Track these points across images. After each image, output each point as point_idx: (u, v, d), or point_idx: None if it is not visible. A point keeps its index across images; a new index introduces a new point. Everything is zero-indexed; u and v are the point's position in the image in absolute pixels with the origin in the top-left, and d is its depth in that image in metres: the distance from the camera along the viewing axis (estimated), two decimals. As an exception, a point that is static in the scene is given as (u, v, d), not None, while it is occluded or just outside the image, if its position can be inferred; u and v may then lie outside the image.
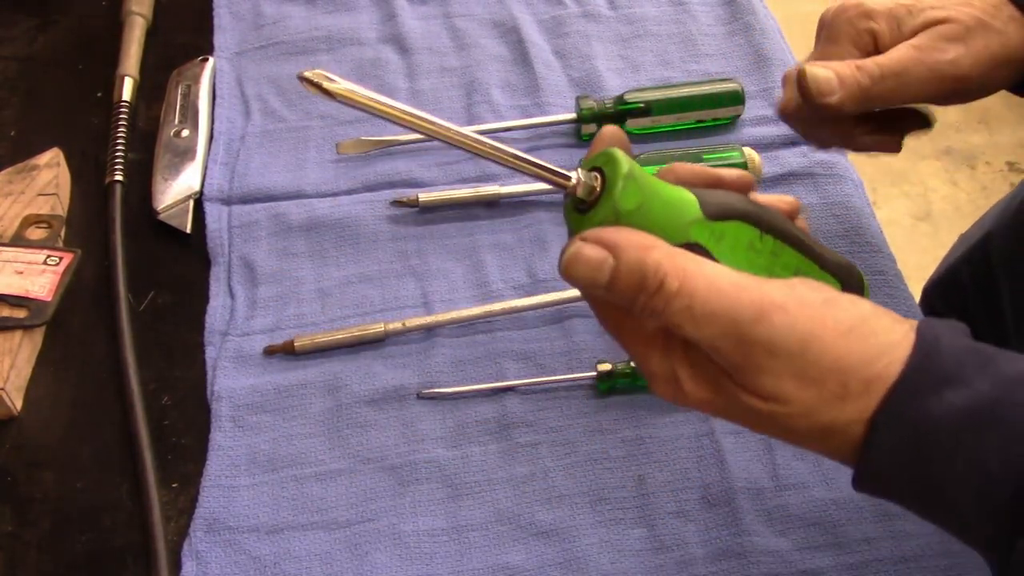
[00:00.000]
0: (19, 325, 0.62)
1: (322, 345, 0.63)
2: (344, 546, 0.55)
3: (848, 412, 0.40)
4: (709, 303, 0.39)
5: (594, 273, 0.40)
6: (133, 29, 0.82)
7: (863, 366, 0.39)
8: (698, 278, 0.39)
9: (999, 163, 2.04)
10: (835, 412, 0.40)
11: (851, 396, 0.39)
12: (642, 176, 0.41)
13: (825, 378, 0.39)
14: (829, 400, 0.39)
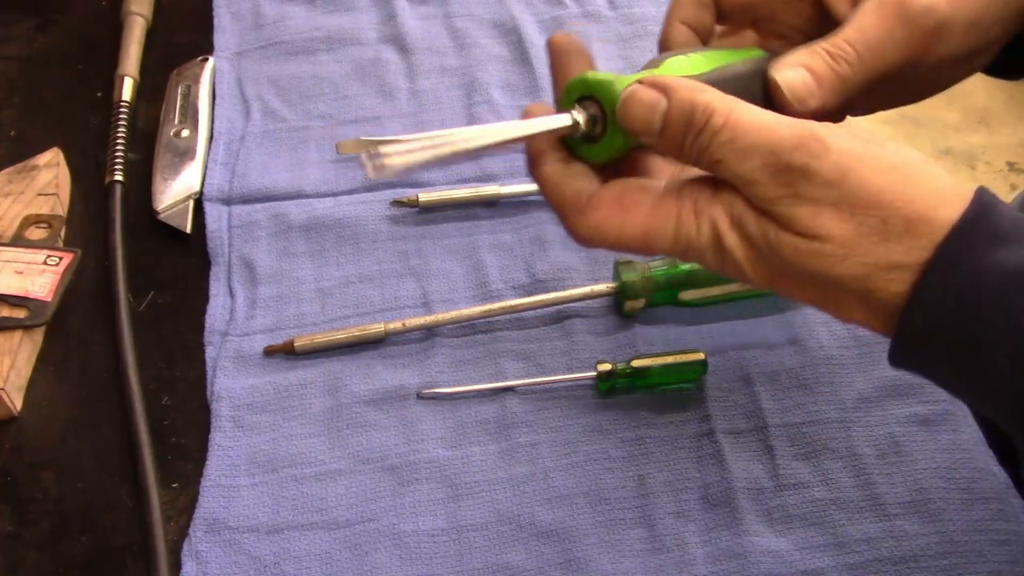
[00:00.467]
0: (19, 325, 0.62)
1: (322, 345, 0.63)
2: (344, 546, 0.55)
3: (892, 254, 0.39)
4: (751, 134, 0.39)
5: (649, 113, 0.41)
6: (133, 29, 0.82)
7: (904, 203, 0.38)
8: (742, 113, 0.40)
9: (999, 163, 2.04)
10: (877, 252, 0.38)
11: (892, 235, 0.38)
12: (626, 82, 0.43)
13: (863, 210, 0.38)
14: (868, 236, 0.38)
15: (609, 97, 0.43)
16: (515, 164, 0.74)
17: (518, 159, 0.75)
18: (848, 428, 0.59)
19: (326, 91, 0.80)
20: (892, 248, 0.39)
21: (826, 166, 0.39)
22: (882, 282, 0.39)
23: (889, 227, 0.38)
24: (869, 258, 0.39)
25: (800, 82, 0.47)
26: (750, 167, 0.39)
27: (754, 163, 0.39)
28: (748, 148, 0.39)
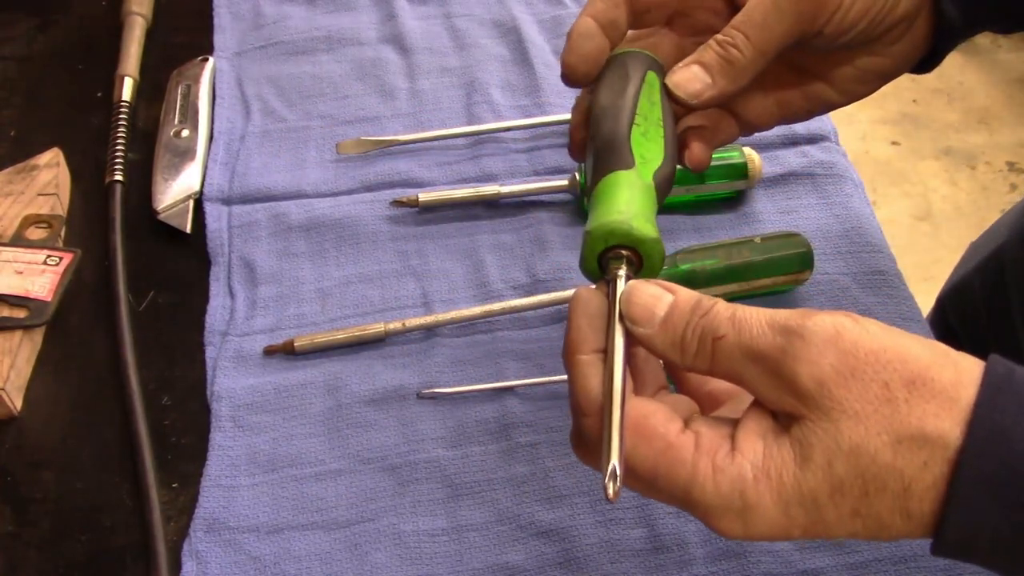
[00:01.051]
0: (19, 325, 0.62)
1: (322, 345, 0.63)
2: (344, 546, 0.55)
3: (908, 423, 0.36)
4: (752, 311, 0.39)
5: (655, 302, 0.40)
6: (133, 29, 0.82)
7: (900, 363, 0.37)
8: (745, 307, 0.39)
9: (999, 163, 2.04)
10: (893, 422, 0.36)
11: (899, 402, 0.36)
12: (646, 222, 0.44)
13: (863, 372, 0.36)
14: (877, 404, 0.36)
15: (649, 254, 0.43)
16: (515, 164, 0.74)
17: (519, 159, 0.75)
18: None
19: (326, 91, 0.80)
20: (905, 417, 0.36)
21: (820, 326, 0.37)
22: (915, 467, 0.36)
23: (891, 392, 0.36)
24: (890, 430, 0.36)
25: (690, 77, 0.48)
26: (749, 337, 0.38)
27: (752, 332, 0.38)
28: (747, 319, 0.38)
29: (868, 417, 0.36)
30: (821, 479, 0.37)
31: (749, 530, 0.38)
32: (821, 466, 0.37)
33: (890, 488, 0.36)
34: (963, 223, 1.92)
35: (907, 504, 0.37)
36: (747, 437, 0.38)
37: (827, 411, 0.36)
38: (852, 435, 0.36)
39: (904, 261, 0.69)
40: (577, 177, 0.70)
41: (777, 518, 0.37)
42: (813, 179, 0.73)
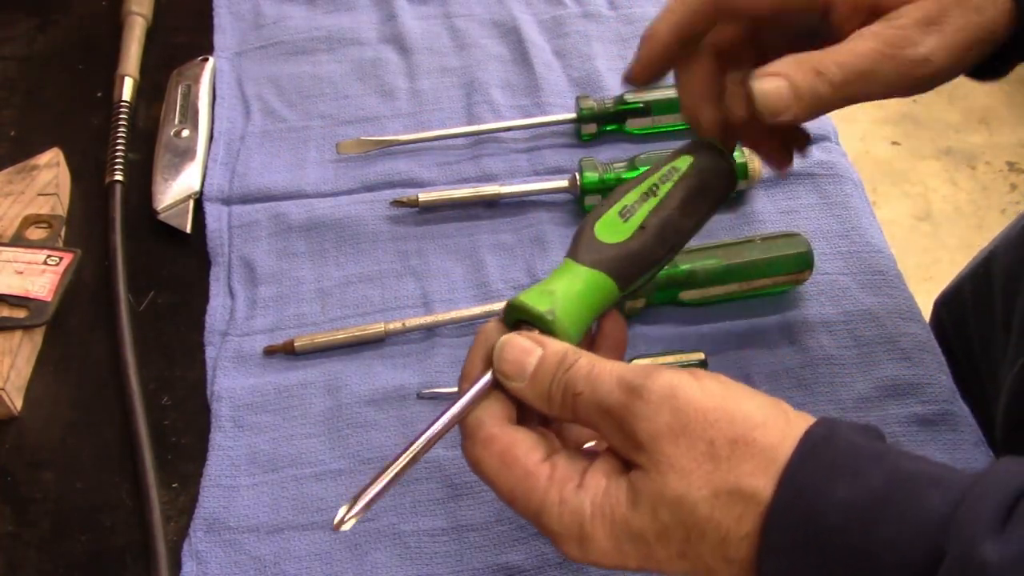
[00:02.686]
0: (19, 325, 0.62)
1: (322, 345, 0.63)
2: (344, 546, 0.55)
3: (727, 479, 0.39)
4: (606, 368, 0.42)
5: (524, 356, 0.44)
6: (133, 29, 0.82)
7: (727, 423, 0.40)
8: (604, 361, 0.43)
9: (999, 163, 2.04)
10: (714, 478, 0.39)
11: (721, 459, 0.39)
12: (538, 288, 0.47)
13: (693, 430, 0.40)
14: (702, 461, 0.39)
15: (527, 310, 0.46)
16: (515, 164, 0.74)
17: (519, 159, 0.75)
18: (848, 428, 0.59)
19: (326, 91, 0.80)
20: (725, 474, 0.39)
21: (658, 385, 0.40)
22: (731, 519, 0.39)
23: (715, 449, 0.39)
24: (710, 485, 0.39)
25: (776, 94, 0.46)
26: (601, 394, 0.42)
27: (604, 389, 0.42)
28: (601, 375, 0.42)
29: (692, 472, 0.39)
30: (648, 522, 0.40)
31: (587, 557, 0.42)
32: (648, 511, 0.40)
33: (709, 536, 0.39)
34: (963, 223, 1.92)
35: (726, 551, 0.39)
36: (594, 475, 0.42)
37: (657, 463, 0.40)
38: (676, 487, 0.39)
39: (904, 261, 0.69)
40: (577, 177, 0.70)
41: (610, 551, 0.41)
42: (813, 179, 0.73)
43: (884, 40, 0.46)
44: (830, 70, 0.46)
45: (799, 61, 0.46)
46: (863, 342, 0.63)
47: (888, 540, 0.36)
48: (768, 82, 0.46)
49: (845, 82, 0.46)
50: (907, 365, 0.62)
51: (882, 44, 0.46)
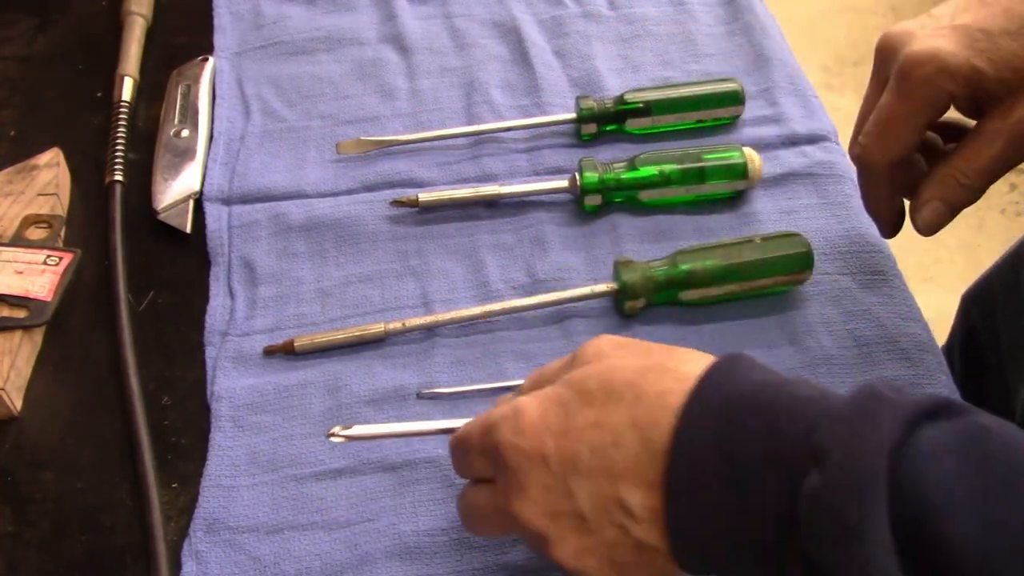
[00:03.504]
0: (19, 325, 0.62)
1: (322, 345, 0.63)
2: (344, 546, 0.55)
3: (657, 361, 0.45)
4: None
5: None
6: (133, 29, 0.82)
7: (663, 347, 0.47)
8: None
9: (999, 163, 2.04)
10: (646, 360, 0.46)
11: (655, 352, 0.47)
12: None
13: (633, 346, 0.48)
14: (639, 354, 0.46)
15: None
16: (515, 164, 0.74)
17: (519, 159, 0.75)
18: (848, 428, 0.59)
19: (326, 91, 0.80)
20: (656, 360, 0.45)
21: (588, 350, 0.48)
22: (650, 382, 0.44)
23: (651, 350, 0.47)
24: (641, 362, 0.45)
25: (935, 216, 0.56)
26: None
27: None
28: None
29: (627, 357, 0.46)
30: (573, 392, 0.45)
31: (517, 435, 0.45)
32: (577, 383, 0.45)
33: (626, 397, 0.43)
34: (963, 223, 1.91)
35: (637, 416, 0.43)
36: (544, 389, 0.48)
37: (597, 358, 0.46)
38: (610, 364, 0.45)
39: (904, 261, 0.69)
40: (577, 177, 0.70)
41: (536, 422, 0.45)
42: (813, 179, 0.73)
43: (1008, 137, 0.54)
44: (971, 179, 0.55)
45: (943, 181, 0.56)
46: (863, 342, 0.63)
47: (790, 406, 0.40)
48: (930, 213, 0.56)
49: (986, 183, 0.55)
50: (907, 365, 0.62)
51: (1007, 140, 0.54)
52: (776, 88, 0.79)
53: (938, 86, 0.54)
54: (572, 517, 0.44)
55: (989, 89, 0.54)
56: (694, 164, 0.70)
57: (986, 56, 0.53)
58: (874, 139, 0.58)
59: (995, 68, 0.53)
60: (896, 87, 0.56)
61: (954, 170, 0.55)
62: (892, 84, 0.56)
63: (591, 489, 0.43)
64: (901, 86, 0.55)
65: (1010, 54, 0.53)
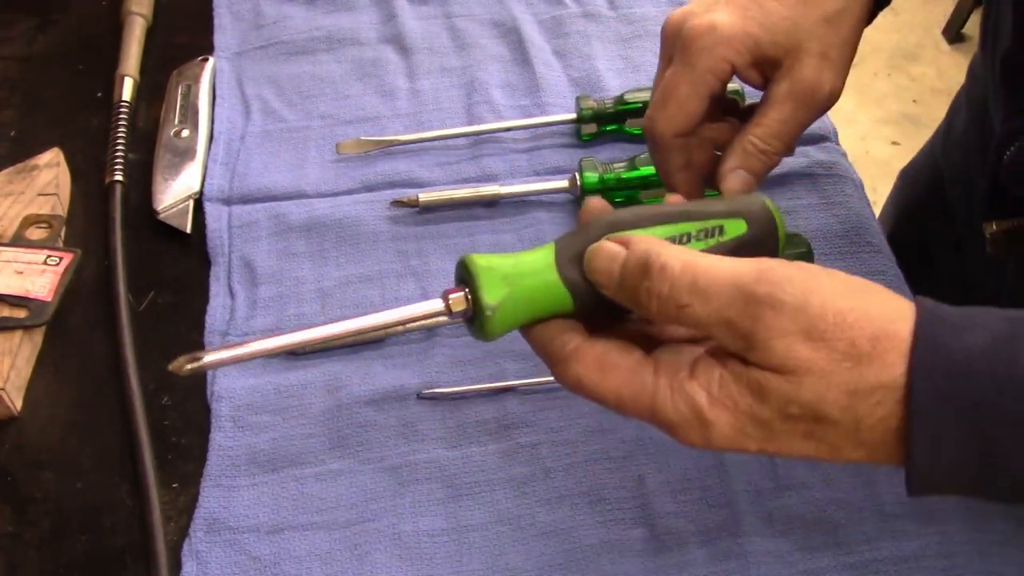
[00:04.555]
0: (19, 325, 0.62)
1: (322, 345, 0.63)
2: (344, 546, 0.55)
3: (867, 375, 0.39)
4: (711, 274, 0.41)
5: (610, 263, 0.43)
6: (133, 29, 0.82)
7: (865, 323, 0.39)
8: (700, 258, 0.42)
9: (999, 163, 2.04)
10: (853, 376, 0.39)
11: (863, 356, 0.39)
12: (500, 261, 0.44)
13: (832, 334, 0.39)
14: (841, 361, 0.39)
15: (474, 284, 0.43)
16: (515, 164, 0.74)
17: (519, 159, 0.75)
18: (848, 428, 0.59)
19: (326, 91, 0.80)
20: (865, 370, 0.39)
21: (789, 293, 0.40)
22: (867, 407, 0.40)
23: (857, 348, 0.39)
24: (849, 384, 0.39)
25: (742, 183, 0.57)
26: (716, 305, 0.40)
27: (720, 300, 0.40)
28: (710, 287, 0.41)
29: (831, 373, 0.39)
30: (775, 414, 0.40)
31: (709, 443, 0.42)
32: (777, 405, 0.40)
33: (842, 424, 0.40)
34: (963, 223, 1.91)
35: (858, 435, 0.40)
36: (706, 365, 0.42)
37: (794, 369, 0.40)
38: (813, 388, 0.40)
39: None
40: (577, 177, 0.70)
41: (732, 435, 0.41)
42: (813, 179, 0.73)
43: (794, 97, 0.56)
44: (771, 144, 0.57)
45: (745, 149, 0.57)
46: (863, 342, 0.63)
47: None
48: (733, 180, 0.57)
49: (784, 145, 0.57)
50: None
51: (797, 101, 0.56)
52: (776, 88, 0.78)
53: (717, 54, 0.56)
54: None
55: (768, 53, 0.56)
56: None
57: (758, 22, 0.56)
58: (659, 110, 0.58)
59: (769, 32, 0.56)
60: (679, 59, 0.57)
61: (751, 136, 0.57)
62: (676, 58, 0.58)
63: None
64: (682, 58, 0.57)
65: (780, 17, 0.56)
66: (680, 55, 0.57)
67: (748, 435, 0.41)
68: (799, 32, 0.56)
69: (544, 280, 0.44)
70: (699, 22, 0.56)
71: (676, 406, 0.42)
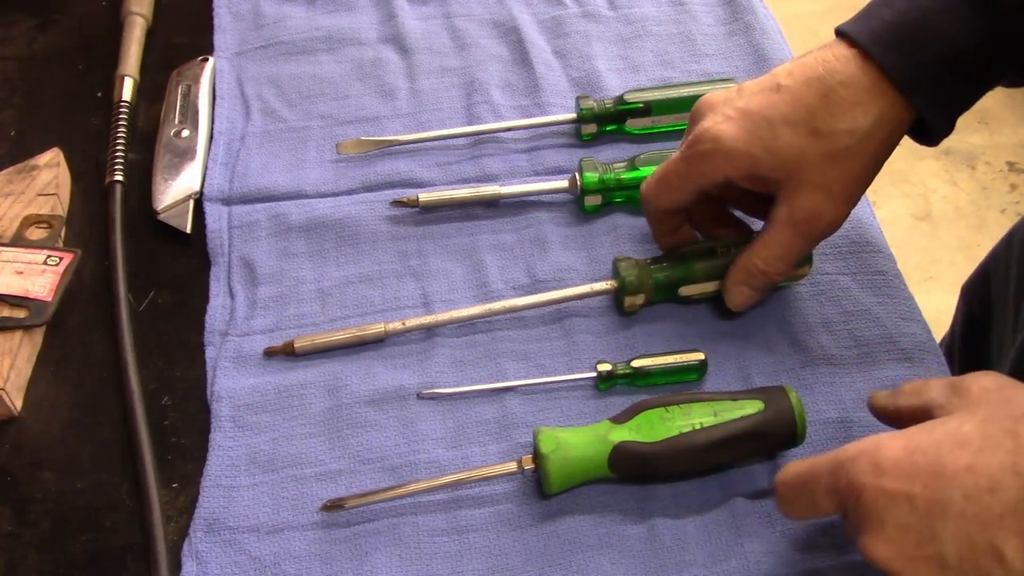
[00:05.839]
0: (19, 325, 0.62)
1: (322, 346, 0.63)
2: (344, 546, 0.55)
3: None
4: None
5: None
6: (133, 29, 0.82)
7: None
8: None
9: (999, 163, 2.04)
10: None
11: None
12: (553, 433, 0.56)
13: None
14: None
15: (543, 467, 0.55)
16: (515, 164, 0.74)
17: (519, 159, 0.75)
18: (848, 428, 0.59)
19: (326, 91, 0.80)
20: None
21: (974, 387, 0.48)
22: None
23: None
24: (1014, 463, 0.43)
25: (745, 299, 0.62)
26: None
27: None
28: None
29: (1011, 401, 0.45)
30: (947, 435, 0.44)
31: (879, 476, 0.44)
32: (952, 421, 0.45)
33: (1005, 445, 0.42)
34: (963, 223, 1.92)
35: (1018, 461, 0.42)
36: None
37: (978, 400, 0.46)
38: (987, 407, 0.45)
39: (904, 261, 0.69)
40: (577, 177, 0.70)
41: (902, 459, 0.44)
42: (813, 179, 0.73)
43: (794, 225, 0.59)
44: (773, 265, 0.60)
45: (748, 269, 0.61)
46: (863, 342, 0.63)
47: None
48: (737, 296, 0.62)
49: (787, 265, 0.61)
50: (907, 365, 0.62)
51: (795, 228, 0.59)
52: (776, 88, 0.78)
53: (714, 164, 0.59)
54: (933, 561, 0.42)
55: (767, 175, 0.58)
56: None
57: (763, 144, 0.57)
58: (652, 185, 0.62)
59: (771, 157, 0.57)
60: (683, 150, 0.61)
61: (754, 257, 0.60)
62: (682, 147, 0.61)
63: (960, 535, 0.42)
64: (685, 152, 0.60)
65: (785, 144, 0.57)
66: (685, 148, 0.61)
67: (916, 464, 0.44)
68: (803, 162, 0.57)
69: (593, 447, 0.55)
70: (708, 127, 0.59)
71: (856, 444, 0.47)
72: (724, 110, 0.59)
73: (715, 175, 0.59)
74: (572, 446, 0.55)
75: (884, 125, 0.57)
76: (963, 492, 0.42)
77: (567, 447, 0.55)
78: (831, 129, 0.56)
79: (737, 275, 0.61)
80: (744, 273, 0.61)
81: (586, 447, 0.55)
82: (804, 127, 0.57)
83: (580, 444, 0.55)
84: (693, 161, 0.60)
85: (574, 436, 0.55)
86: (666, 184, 0.62)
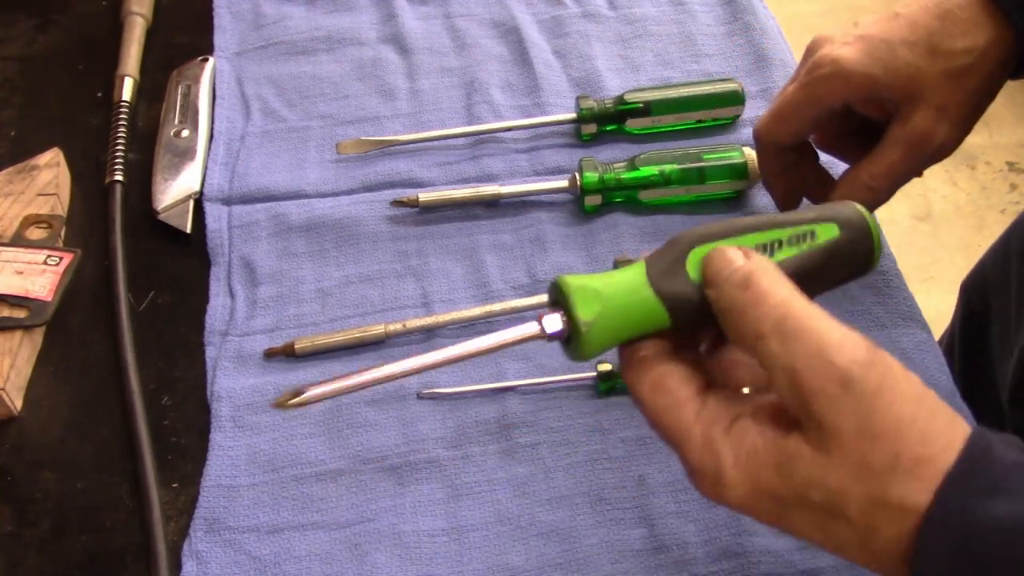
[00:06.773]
0: (19, 325, 0.62)
1: (323, 347, 0.63)
2: (344, 546, 0.55)
3: (895, 491, 0.38)
4: (801, 317, 0.40)
5: (724, 266, 0.42)
6: (133, 29, 0.82)
7: (920, 441, 0.38)
8: (797, 300, 0.41)
9: (999, 163, 2.04)
10: (883, 485, 0.38)
11: (900, 472, 0.38)
12: (592, 281, 0.44)
13: (883, 436, 0.38)
14: (878, 466, 0.38)
15: (568, 303, 0.43)
16: (515, 164, 0.74)
17: (519, 159, 0.75)
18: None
19: (326, 91, 0.80)
20: (897, 486, 0.38)
21: (866, 377, 0.39)
22: (885, 520, 0.38)
23: (900, 463, 0.38)
24: (876, 491, 0.38)
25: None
26: (792, 351, 0.39)
27: (796, 348, 0.39)
28: (797, 331, 0.39)
29: (864, 474, 0.38)
30: (792, 493, 0.39)
31: (720, 499, 0.41)
32: (798, 486, 0.39)
33: (856, 527, 0.39)
34: (963, 223, 1.92)
35: (868, 544, 0.39)
36: (744, 425, 0.41)
37: (831, 450, 0.38)
38: (841, 480, 0.38)
39: (904, 261, 0.69)
40: (577, 177, 0.70)
41: (745, 501, 0.41)
42: (813, 179, 0.73)
43: (906, 144, 0.59)
44: (879, 182, 0.60)
45: (852, 183, 0.61)
46: (863, 342, 0.63)
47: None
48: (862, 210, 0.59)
49: (890, 187, 0.60)
50: (907, 365, 0.62)
51: (908, 147, 0.59)
52: (776, 88, 0.78)
53: (833, 87, 0.59)
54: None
55: (886, 95, 0.59)
56: (694, 164, 0.70)
57: (882, 64, 0.58)
58: (768, 120, 0.63)
59: (890, 76, 0.58)
60: (800, 79, 0.61)
61: (862, 172, 0.60)
62: (799, 77, 0.62)
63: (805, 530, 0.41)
64: (803, 80, 0.61)
65: (904, 63, 0.58)
66: (803, 77, 0.61)
67: (761, 507, 0.41)
68: (921, 81, 0.58)
69: (637, 295, 0.43)
70: (827, 52, 0.60)
71: (701, 454, 0.41)
72: (842, 38, 0.60)
73: (834, 99, 0.60)
74: (611, 290, 0.43)
75: (998, 44, 0.58)
76: (809, 540, 0.41)
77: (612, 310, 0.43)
78: (949, 48, 0.58)
79: (841, 190, 0.61)
80: (848, 188, 0.61)
81: (627, 287, 0.44)
82: (923, 47, 0.58)
83: (619, 284, 0.44)
84: (812, 86, 0.60)
85: (607, 277, 0.44)
86: (781, 115, 0.62)
